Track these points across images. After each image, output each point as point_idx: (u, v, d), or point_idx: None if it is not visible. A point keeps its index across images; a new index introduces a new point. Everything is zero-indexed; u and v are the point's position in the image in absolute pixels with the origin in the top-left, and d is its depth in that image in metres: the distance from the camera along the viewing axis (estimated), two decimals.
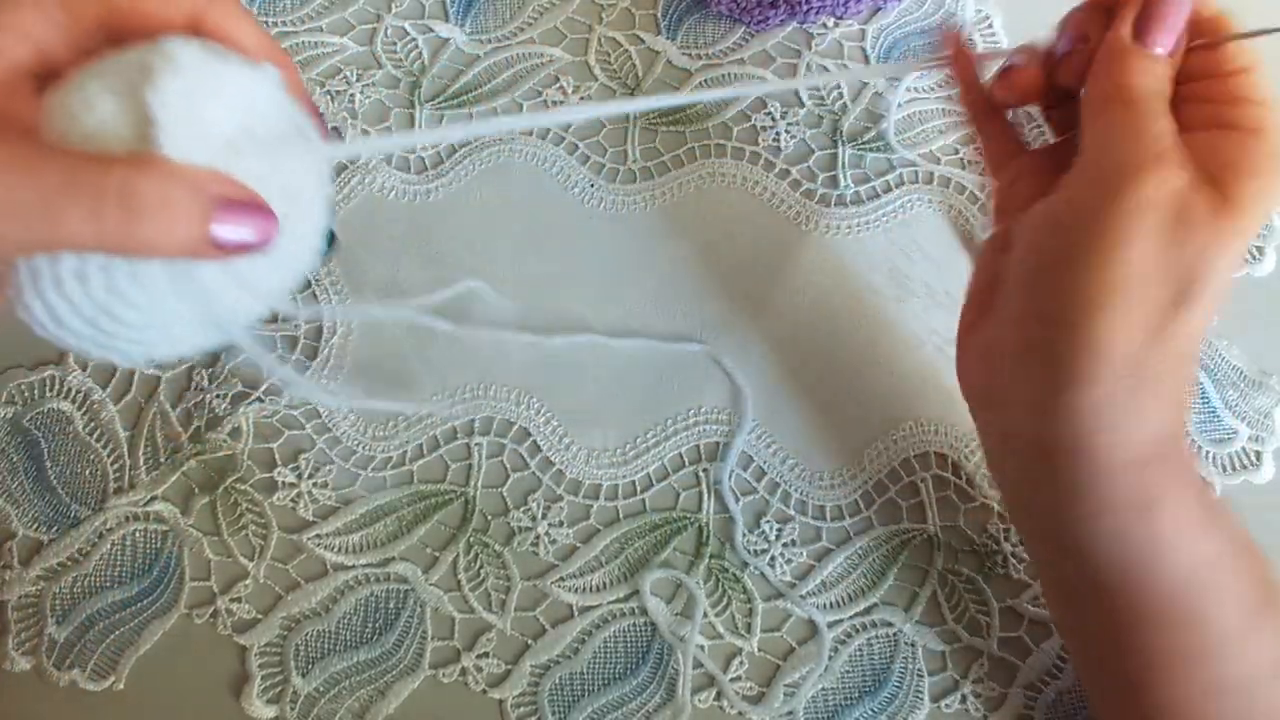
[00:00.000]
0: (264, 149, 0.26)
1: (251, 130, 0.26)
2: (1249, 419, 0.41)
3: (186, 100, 0.24)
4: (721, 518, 0.39)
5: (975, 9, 0.48)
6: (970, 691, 0.37)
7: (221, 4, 0.28)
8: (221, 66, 0.26)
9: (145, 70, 0.24)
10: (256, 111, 0.26)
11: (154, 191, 0.23)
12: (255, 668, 0.37)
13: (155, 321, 0.26)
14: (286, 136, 0.27)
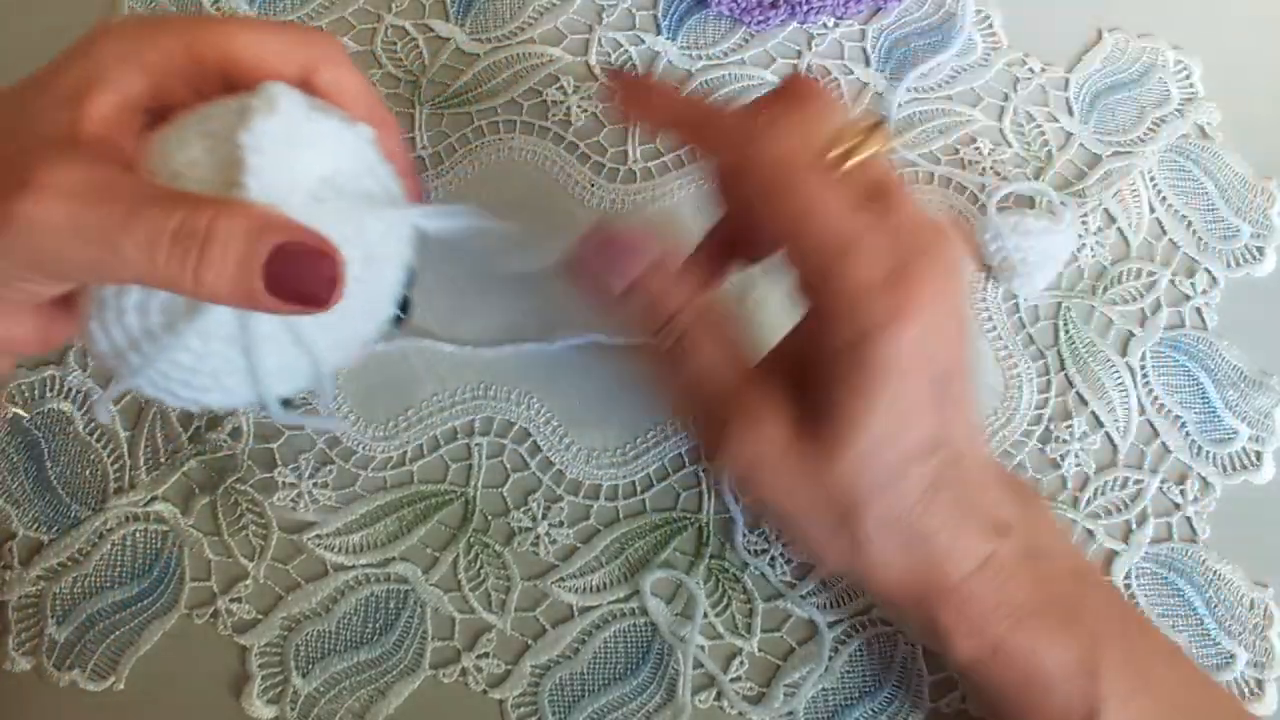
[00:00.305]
0: (344, 205, 0.25)
1: (337, 186, 0.25)
2: (1249, 419, 0.41)
3: (277, 145, 0.24)
4: (722, 518, 0.39)
5: (975, 9, 0.48)
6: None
7: (333, 62, 0.29)
8: (318, 118, 0.25)
9: (243, 113, 0.24)
10: (344, 168, 0.26)
11: (213, 232, 0.23)
12: (255, 668, 0.37)
13: (208, 368, 0.26)
14: (370, 196, 0.27)
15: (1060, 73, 0.47)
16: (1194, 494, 0.40)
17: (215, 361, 0.25)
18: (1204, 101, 0.46)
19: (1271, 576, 0.39)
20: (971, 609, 0.30)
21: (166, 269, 0.23)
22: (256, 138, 0.23)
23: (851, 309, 0.28)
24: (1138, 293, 0.43)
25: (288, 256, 0.23)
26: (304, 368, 0.27)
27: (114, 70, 0.26)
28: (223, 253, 0.23)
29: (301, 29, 0.29)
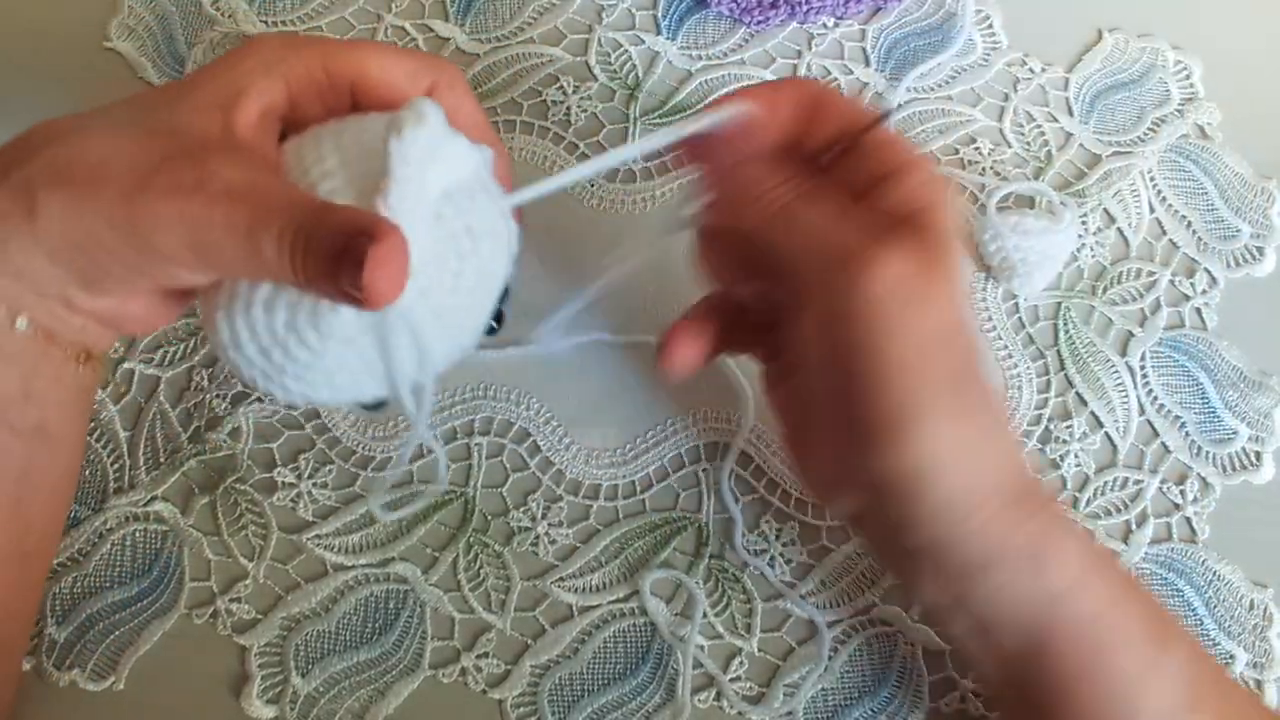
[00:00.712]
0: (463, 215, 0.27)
1: (456, 202, 0.27)
2: (1249, 419, 0.41)
3: (421, 157, 0.25)
4: (721, 518, 0.39)
5: (975, 9, 0.48)
6: (970, 691, 0.37)
7: (455, 87, 0.31)
8: (454, 136, 0.27)
9: (393, 124, 0.25)
10: (464, 185, 0.28)
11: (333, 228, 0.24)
12: (255, 668, 0.37)
13: (322, 365, 0.27)
14: (485, 210, 0.28)
15: (1060, 73, 0.47)
16: (1194, 494, 0.40)
17: (330, 358, 0.27)
18: (1204, 101, 0.46)
19: (1271, 577, 0.39)
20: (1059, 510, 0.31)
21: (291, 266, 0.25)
22: (405, 147, 0.25)
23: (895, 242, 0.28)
24: (1138, 293, 0.43)
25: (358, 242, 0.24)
26: (411, 368, 0.28)
27: (260, 80, 0.28)
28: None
29: (426, 56, 0.31)
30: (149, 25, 0.47)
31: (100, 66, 0.46)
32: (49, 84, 0.46)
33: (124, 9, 0.47)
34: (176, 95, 0.28)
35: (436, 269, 0.27)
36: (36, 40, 0.47)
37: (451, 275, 0.27)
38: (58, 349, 0.29)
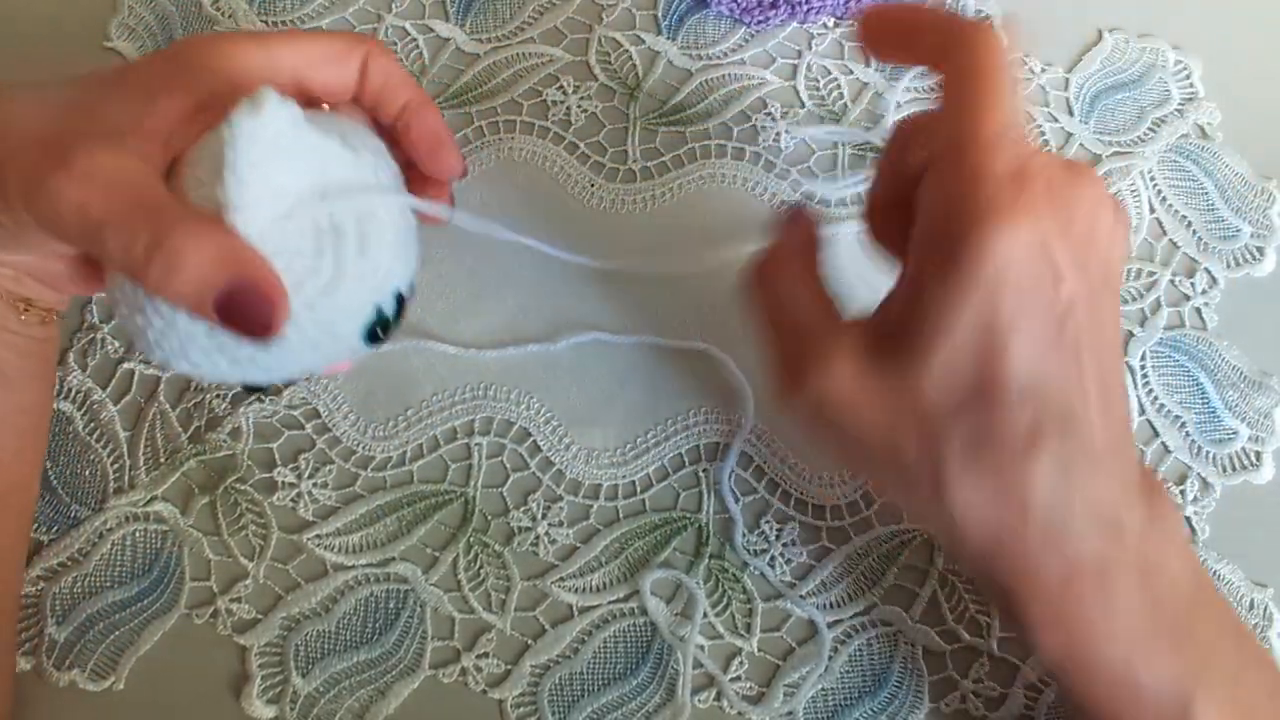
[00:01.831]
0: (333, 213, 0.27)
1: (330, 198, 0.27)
2: (1249, 419, 0.41)
3: (255, 161, 0.25)
4: (721, 518, 0.39)
5: (975, 9, 0.48)
6: (970, 691, 0.37)
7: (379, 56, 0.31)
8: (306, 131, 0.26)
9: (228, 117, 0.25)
10: (344, 181, 0.27)
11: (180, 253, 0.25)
12: (255, 668, 0.37)
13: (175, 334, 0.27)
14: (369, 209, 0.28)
15: (1060, 73, 0.47)
16: (1194, 494, 0.40)
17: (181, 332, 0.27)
18: (1204, 101, 0.46)
19: (1271, 577, 0.39)
20: (1070, 620, 0.27)
21: (139, 269, 0.25)
22: (234, 153, 0.25)
23: (971, 193, 0.25)
24: (1138, 293, 0.43)
25: (236, 292, 0.25)
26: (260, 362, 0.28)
27: (195, 76, 0.28)
28: (184, 273, 0.25)
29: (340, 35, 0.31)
30: (149, 25, 0.47)
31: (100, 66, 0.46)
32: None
33: (124, 9, 0.47)
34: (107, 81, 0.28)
35: (295, 266, 0.26)
36: (36, 40, 0.47)
37: (313, 274, 0.27)
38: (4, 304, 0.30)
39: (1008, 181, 0.25)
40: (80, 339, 0.41)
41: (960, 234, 0.25)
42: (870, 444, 0.28)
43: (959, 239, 0.25)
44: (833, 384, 0.27)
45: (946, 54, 0.28)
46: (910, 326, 0.26)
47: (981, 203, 0.25)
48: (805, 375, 0.28)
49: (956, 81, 0.27)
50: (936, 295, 0.25)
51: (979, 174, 0.25)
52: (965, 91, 0.27)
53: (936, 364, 0.26)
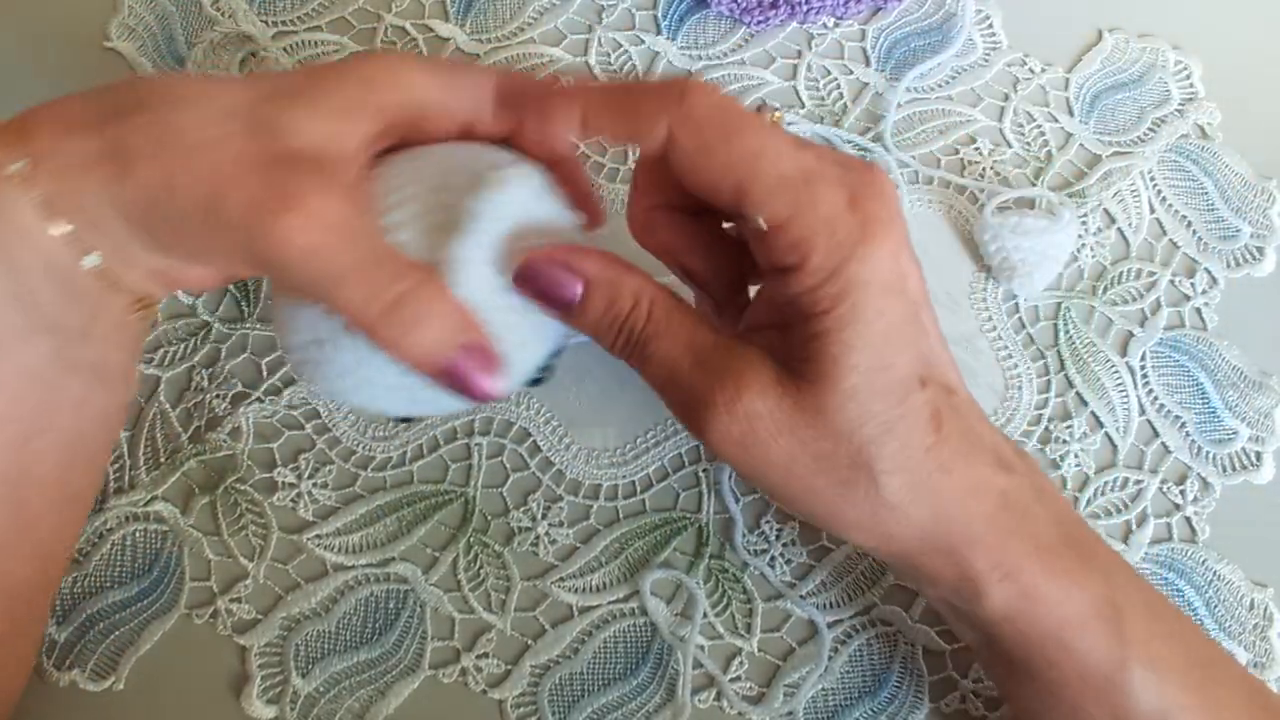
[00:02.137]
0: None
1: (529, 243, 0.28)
2: (1249, 419, 0.41)
3: (485, 241, 0.27)
4: (721, 518, 0.39)
5: (975, 9, 0.48)
6: (970, 691, 0.37)
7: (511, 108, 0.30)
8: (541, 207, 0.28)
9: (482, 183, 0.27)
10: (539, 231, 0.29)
11: (423, 314, 0.26)
12: (255, 668, 0.37)
13: (361, 372, 0.29)
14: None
15: (1060, 73, 0.47)
16: (1194, 494, 0.40)
17: (369, 370, 0.28)
18: (1204, 101, 0.46)
19: (1271, 576, 0.39)
20: (1002, 550, 0.30)
21: (376, 325, 0.26)
22: (478, 222, 0.26)
23: (828, 235, 0.26)
24: (1138, 293, 0.43)
25: (465, 356, 0.27)
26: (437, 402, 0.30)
27: (381, 99, 0.28)
28: (422, 336, 0.26)
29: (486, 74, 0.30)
30: (149, 25, 0.47)
31: (100, 66, 0.46)
32: (49, 84, 0.46)
33: (124, 9, 0.47)
34: (292, 93, 0.28)
35: (497, 321, 0.28)
36: (36, 40, 0.47)
37: (506, 327, 0.28)
38: (118, 292, 0.30)
39: (845, 213, 0.27)
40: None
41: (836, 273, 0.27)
42: (798, 463, 0.29)
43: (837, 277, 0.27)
44: (754, 409, 0.28)
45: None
46: (813, 357, 0.28)
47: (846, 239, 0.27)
48: (720, 410, 0.28)
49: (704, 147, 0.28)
50: (829, 329, 0.27)
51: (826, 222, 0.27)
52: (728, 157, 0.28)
53: (849, 386, 0.27)
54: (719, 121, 0.27)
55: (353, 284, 0.26)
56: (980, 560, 0.30)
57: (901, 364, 0.28)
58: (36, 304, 0.28)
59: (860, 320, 0.27)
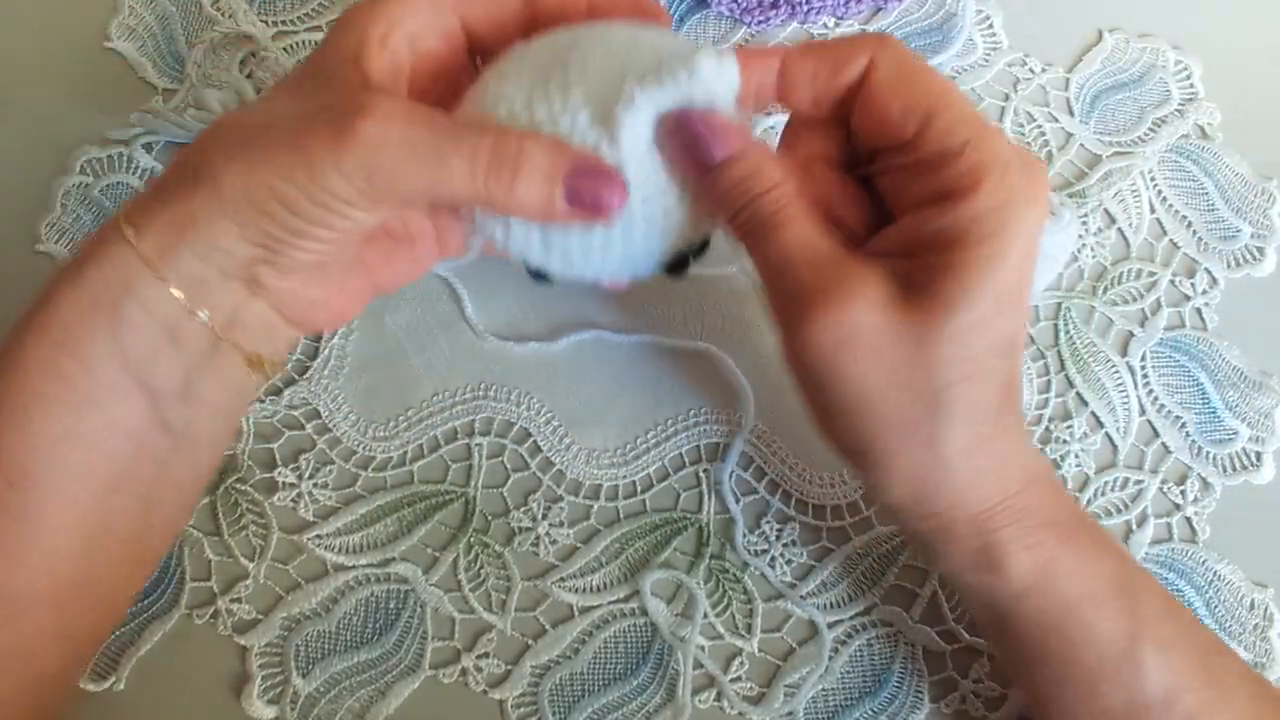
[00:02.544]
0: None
1: None
2: (1249, 419, 0.41)
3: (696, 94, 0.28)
4: (722, 518, 0.39)
5: (975, 9, 0.48)
6: (970, 691, 0.37)
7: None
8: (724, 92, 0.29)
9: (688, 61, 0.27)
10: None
11: (523, 153, 0.27)
12: (255, 668, 0.37)
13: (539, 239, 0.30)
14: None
15: (1060, 73, 0.47)
16: (1194, 494, 0.40)
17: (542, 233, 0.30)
18: (1204, 101, 0.46)
19: (1271, 576, 0.39)
20: (1028, 521, 0.30)
21: (485, 183, 0.27)
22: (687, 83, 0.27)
23: (1001, 173, 0.28)
24: (1138, 293, 0.43)
25: (580, 176, 0.27)
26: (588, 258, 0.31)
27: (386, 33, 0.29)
28: (530, 171, 0.27)
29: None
30: (149, 25, 0.47)
31: (100, 66, 0.46)
32: (49, 84, 0.46)
33: (124, 9, 0.47)
34: (313, 62, 0.30)
35: (651, 178, 0.29)
36: (36, 40, 0.47)
37: (662, 191, 0.29)
38: (231, 348, 0.30)
39: (1020, 168, 0.28)
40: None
41: (997, 211, 0.27)
42: (876, 387, 0.28)
43: (998, 214, 0.27)
44: (860, 321, 0.28)
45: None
46: (939, 287, 0.28)
47: (1015, 186, 0.28)
48: (829, 309, 0.28)
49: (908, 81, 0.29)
50: (969, 261, 0.27)
51: (1005, 163, 0.28)
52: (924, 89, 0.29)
53: (960, 324, 0.28)
54: (915, 60, 0.29)
55: (454, 151, 0.26)
56: (1006, 530, 0.30)
57: (1005, 327, 0.28)
58: (139, 362, 0.28)
59: (995, 268, 0.27)
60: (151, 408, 0.29)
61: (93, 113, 0.45)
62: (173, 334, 0.29)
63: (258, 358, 0.31)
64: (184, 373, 0.29)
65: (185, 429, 0.30)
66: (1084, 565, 0.31)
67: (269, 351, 0.32)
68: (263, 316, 0.30)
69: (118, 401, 0.28)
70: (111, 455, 0.29)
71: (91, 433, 0.28)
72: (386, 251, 0.33)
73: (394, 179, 0.26)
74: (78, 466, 0.28)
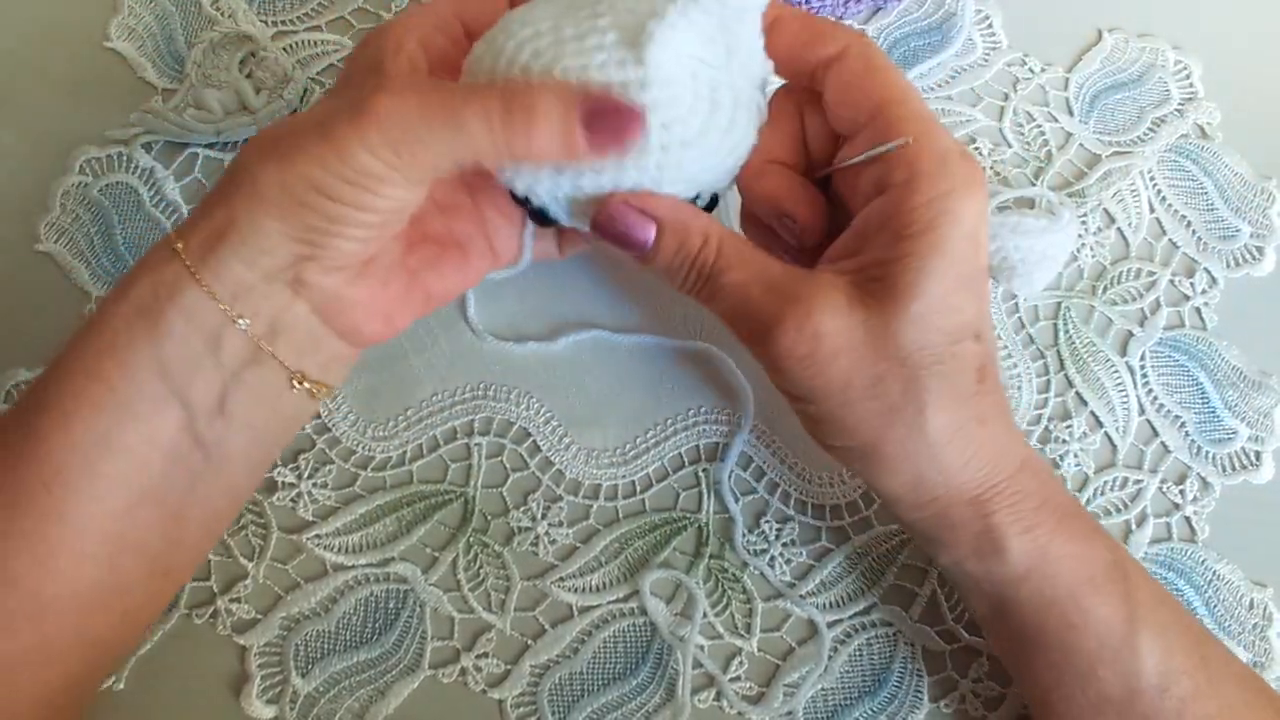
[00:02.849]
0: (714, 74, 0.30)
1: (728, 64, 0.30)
2: (1249, 419, 0.41)
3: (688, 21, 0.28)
4: (721, 518, 0.39)
5: (975, 9, 0.48)
6: (969, 691, 0.37)
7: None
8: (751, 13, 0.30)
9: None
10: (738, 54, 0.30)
11: (535, 101, 0.27)
12: (255, 668, 0.37)
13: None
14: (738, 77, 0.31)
15: (1060, 73, 0.47)
16: (1193, 494, 0.40)
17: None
18: (1204, 101, 0.46)
19: (1271, 577, 0.39)
20: (1025, 504, 0.31)
21: (504, 135, 0.27)
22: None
23: (942, 164, 0.29)
24: (1137, 293, 0.43)
25: (595, 113, 0.28)
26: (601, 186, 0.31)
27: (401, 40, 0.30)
28: (545, 116, 0.27)
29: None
30: (149, 25, 0.47)
31: (100, 66, 0.46)
32: (49, 84, 0.46)
33: (124, 9, 0.47)
34: (339, 80, 0.32)
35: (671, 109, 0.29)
36: (36, 40, 0.47)
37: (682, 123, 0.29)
38: (272, 363, 0.30)
39: (959, 159, 0.30)
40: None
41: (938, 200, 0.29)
42: (853, 385, 0.30)
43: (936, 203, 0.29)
44: (824, 327, 0.29)
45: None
46: (891, 278, 0.29)
47: (953, 176, 0.29)
48: (792, 324, 0.29)
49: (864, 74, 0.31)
50: (916, 250, 0.29)
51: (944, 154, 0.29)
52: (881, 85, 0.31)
53: (917, 310, 0.29)
54: (882, 59, 0.31)
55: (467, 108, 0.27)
56: (1003, 512, 0.31)
57: (965, 310, 0.30)
58: (178, 373, 0.29)
59: (943, 254, 0.29)
60: (186, 422, 0.29)
61: (93, 113, 0.45)
62: (213, 343, 0.29)
63: (300, 376, 0.31)
64: (221, 386, 0.30)
65: (218, 445, 0.30)
66: (1080, 549, 0.31)
67: (314, 368, 0.32)
68: (306, 322, 0.30)
69: (155, 413, 0.29)
70: (144, 466, 0.29)
71: (127, 443, 0.29)
72: (434, 259, 0.33)
73: (417, 147, 0.27)
74: (111, 475, 0.29)
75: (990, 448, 0.31)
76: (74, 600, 0.29)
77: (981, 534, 0.31)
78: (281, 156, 0.28)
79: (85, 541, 0.29)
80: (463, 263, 0.34)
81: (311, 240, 0.28)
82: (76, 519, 0.28)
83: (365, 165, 0.27)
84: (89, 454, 0.28)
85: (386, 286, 0.32)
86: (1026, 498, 0.31)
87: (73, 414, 0.28)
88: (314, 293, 0.30)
